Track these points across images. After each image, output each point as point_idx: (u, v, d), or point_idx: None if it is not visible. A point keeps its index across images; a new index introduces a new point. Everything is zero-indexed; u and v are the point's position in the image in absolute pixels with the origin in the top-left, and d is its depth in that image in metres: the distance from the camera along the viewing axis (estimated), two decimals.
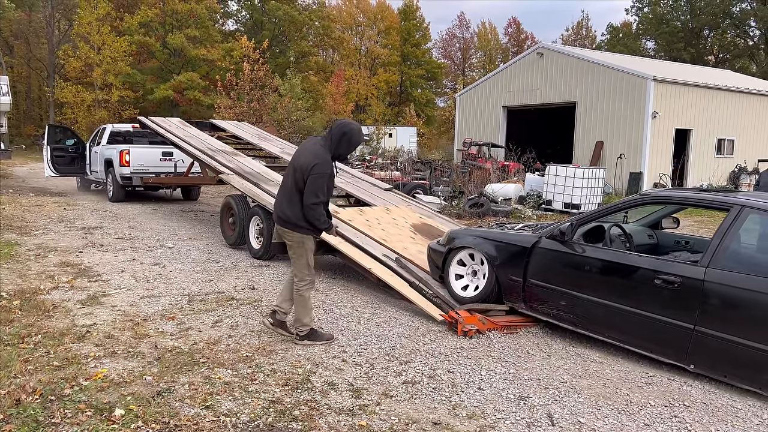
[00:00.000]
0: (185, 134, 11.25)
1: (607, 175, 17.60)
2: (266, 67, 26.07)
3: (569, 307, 4.87)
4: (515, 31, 60.39)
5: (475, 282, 5.63)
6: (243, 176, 8.82)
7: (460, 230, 6.15)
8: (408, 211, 8.37)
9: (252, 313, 5.47)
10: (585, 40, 57.28)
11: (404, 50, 54.12)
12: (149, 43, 39.42)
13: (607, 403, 3.87)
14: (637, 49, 48.94)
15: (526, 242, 5.20)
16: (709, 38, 51.28)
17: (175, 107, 39.83)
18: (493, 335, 5.08)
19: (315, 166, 4.38)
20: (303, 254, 4.62)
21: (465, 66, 61.25)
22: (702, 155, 20.80)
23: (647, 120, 19.10)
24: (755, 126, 22.05)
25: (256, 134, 12.87)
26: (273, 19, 45.00)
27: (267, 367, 4.21)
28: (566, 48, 26.92)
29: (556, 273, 5.00)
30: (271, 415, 3.49)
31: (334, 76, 42.23)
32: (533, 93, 22.91)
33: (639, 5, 53.25)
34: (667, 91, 19.53)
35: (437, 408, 3.70)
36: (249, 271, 7.21)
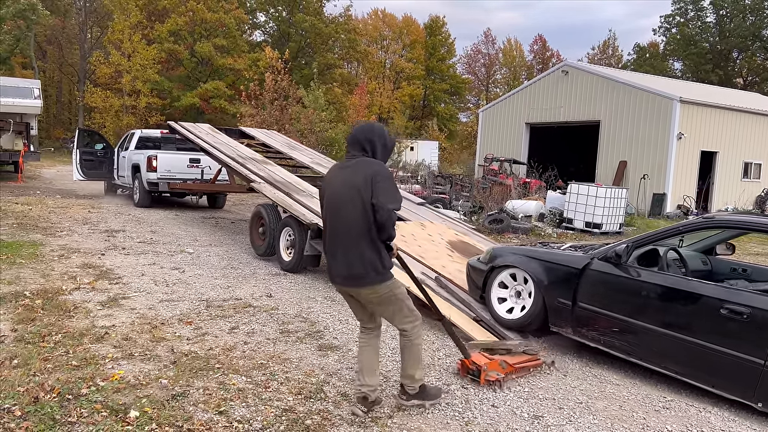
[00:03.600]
0: (215, 141, 11.19)
1: (630, 196, 17.41)
2: (289, 77, 26.34)
3: (623, 334, 4.57)
4: (541, 48, 60.31)
5: (519, 303, 5.35)
6: (275, 185, 8.63)
7: (502, 248, 5.87)
8: (443, 227, 8.12)
9: (268, 321, 5.50)
10: (611, 60, 56.98)
11: (429, 64, 54.37)
12: (178, 51, 40.15)
13: (622, 426, 3.81)
14: (663, 69, 48.56)
15: (577, 263, 4.92)
16: (738, 60, 50.67)
17: (201, 115, 40.41)
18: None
19: (376, 172, 3.47)
20: (399, 302, 3.65)
21: (489, 82, 61.27)
22: (728, 178, 20.49)
23: (672, 141, 18.90)
24: None
25: (285, 143, 12.76)
26: (300, 30, 45.57)
27: (281, 375, 4.22)
28: (591, 66, 26.81)
29: (609, 298, 4.69)
30: (284, 423, 3.50)
31: (358, 88, 42.54)
32: (557, 111, 22.83)
33: (667, 26, 52.97)
34: (693, 112, 19.32)
35: (449, 424, 3.68)
36: (267, 279, 7.25)
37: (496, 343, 4.86)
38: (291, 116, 25.14)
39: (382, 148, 3.67)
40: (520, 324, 5.25)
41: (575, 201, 14.24)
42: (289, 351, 4.74)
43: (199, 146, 11.04)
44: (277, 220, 8.17)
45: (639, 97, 20.02)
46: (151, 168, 12.90)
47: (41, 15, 29.92)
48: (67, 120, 48.68)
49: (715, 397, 4.26)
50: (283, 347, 4.82)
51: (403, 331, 3.71)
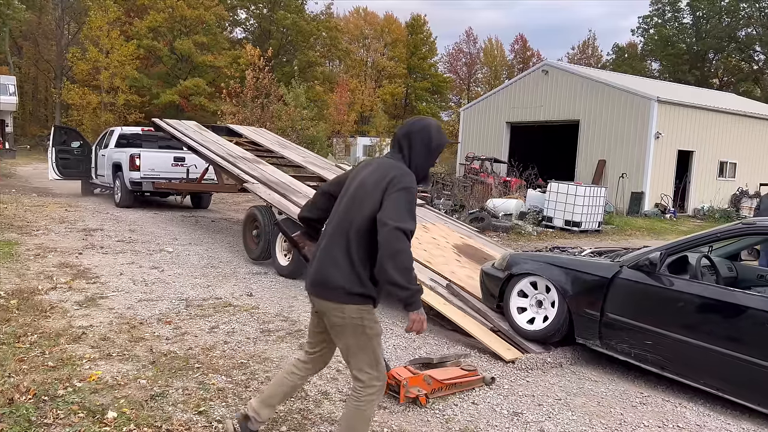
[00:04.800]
0: (203, 139, 10.77)
1: (609, 194, 17.62)
2: (270, 75, 26.20)
3: (656, 347, 4.35)
4: (521, 48, 60.72)
5: (541, 313, 5.06)
6: (269, 186, 8.22)
7: (520, 254, 5.57)
8: (446, 229, 7.82)
9: (249, 320, 5.47)
10: (591, 60, 57.57)
11: (410, 63, 54.44)
12: (157, 48, 39.73)
13: (600, 422, 3.86)
14: (642, 69, 49.21)
15: (605, 272, 4.67)
16: (714, 61, 51.55)
17: (181, 112, 40.02)
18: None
19: (394, 178, 2.72)
20: (366, 342, 2.87)
21: (470, 81, 61.53)
22: (704, 177, 20.84)
23: (650, 140, 19.17)
24: (758, 150, 22.11)
25: (276, 141, 12.31)
26: (281, 28, 45.35)
27: (261, 374, 4.21)
28: (571, 66, 27.08)
29: (642, 308, 4.46)
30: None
31: (339, 86, 42.44)
32: (537, 110, 23.01)
33: (645, 26, 53.67)
34: (670, 112, 19.62)
35: (430, 421, 3.69)
36: (247, 278, 7.21)
37: (428, 358, 4.57)
38: (272, 114, 25.02)
39: (422, 148, 2.89)
40: (543, 335, 4.99)
41: (555, 199, 14.38)
42: (270, 350, 4.73)
43: (187, 144, 10.69)
44: (272, 223, 7.81)
45: (618, 96, 20.27)
46: (133, 167, 12.52)
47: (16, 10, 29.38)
48: (44, 117, 47.89)
49: (690, 392, 4.34)
50: (263, 346, 4.80)
51: (355, 380, 2.88)
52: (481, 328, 5.21)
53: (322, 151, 23.84)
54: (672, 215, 18.83)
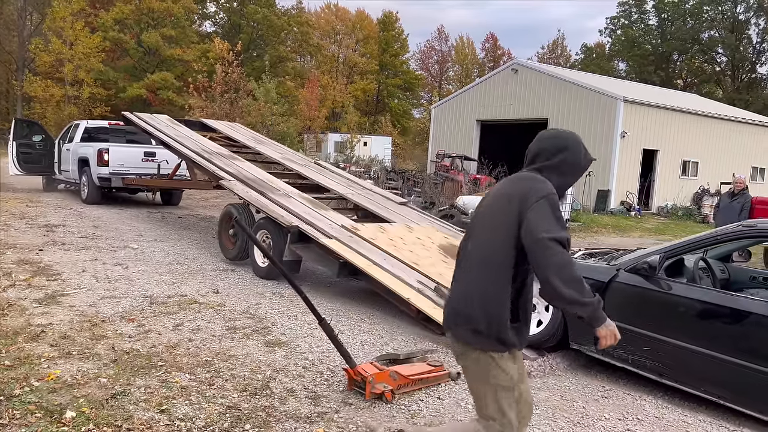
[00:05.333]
0: (176, 134, 10.37)
1: (576, 192, 17.90)
2: (240, 70, 25.93)
3: (655, 354, 4.24)
4: (492, 46, 61.20)
5: (535, 317, 4.87)
6: (246, 183, 7.98)
7: None
8: (431, 229, 7.61)
9: (214, 318, 5.40)
10: (560, 59, 58.34)
11: (382, 60, 54.39)
12: (123, 40, 38.91)
13: (563, 415, 3.93)
14: (609, 69, 50.07)
15: (602, 275, 4.55)
16: (679, 63, 52.76)
17: (148, 106, 39.28)
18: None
19: (531, 189, 2.39)
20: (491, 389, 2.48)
21: (442, 78, 61.80)
22: (667, 176, 21.32)
23: (616, 139, 19.53)
24: (718, 149, 22.70)
25: (252, 137, 11.95)
26: (251, 22, 44.87)
27: (226, 372, 4.16)
28: (540, 65, 27.40)
29: (639, 313, 4.35)
30: (228, 420, 3.45)
31: (309, 82, 42.18)
32: (507, 108, 23.23)
33: (612, 27, 54.61)
34: (636, 111, 20.01)
35: (396, 416, 3.71)
36: (214, 275, 7.12)
37: (394, 354, 4.56)
38: (242, 109, 24.75)
39: (560, 163, 2.49)
40: (537, 340, 4.82)
41: None
42: (236, 348, 4.68)
43: (159, 140, 10.32)
44: (250, 222, 7.57)
45: (585, 96, 20.60)
46: (101, 162, 12.05)
47: None
48: (4, 110, 46.45)
49: (650, 385, 4.45)
50: (229, 344, 4.75)
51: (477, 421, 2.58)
52: None
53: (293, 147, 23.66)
54: (637, 213, 19.23)
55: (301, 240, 6.68)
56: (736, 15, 48.63)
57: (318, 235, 6.46)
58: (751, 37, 49.08)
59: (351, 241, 6.38)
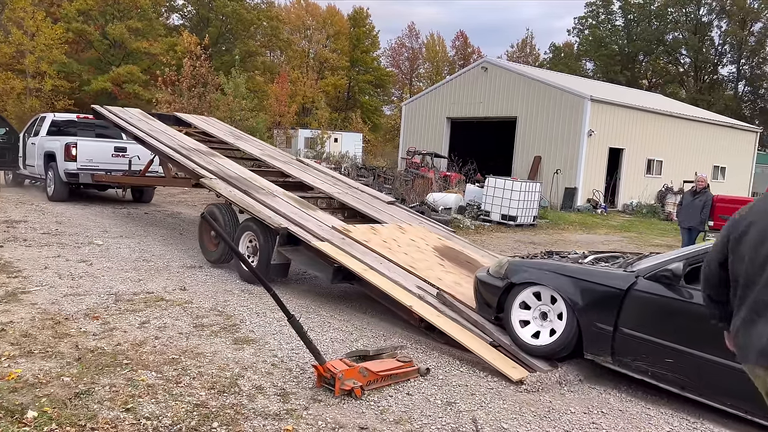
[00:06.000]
0: (151, 128, 9.86)
1: (544, 189, 18.16)
2: (208, 63, 25.58)
3: (677, 366, 4.05)
4: (462, 44, 61.51)
5: (547, 326, 4.64)
6: (229, 182, 7.57)
7: (520, 262, 5.07)
8: (423, 230, 7.35)
9: (181, 315, 5.33)
10: (529, 58, 58.98)
11: (353, 56, 54.21)
12: (87, 32, 37.94)
13: (530, 409, 3.99)
14: (577, 69, 50.83)
15: (620, 283, 4.35)
16: (644, 63, 53.86)
17: (113, 100, 38.37)
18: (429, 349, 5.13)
19: None
20: None
21: (412, 76, 61.88)
22: (633, 174, 21.77)
23: (583, 138, 19.85)
24: (682, 148, 23.27)
25: (229, 132, 11.47)
26: (220, 16, 44.24)
27: (194, 369, 4.11)
28: (509, 64, 27.69)
29: (661, 323, 4.16)
30: (195, 418, 3.41)
31: (280, 77, 41.80)
32: (476, 106, 23.41)
33: (580, 27, 55.46)
34: (602, 111, 20.37)
35: (365, 413, 3.71)
36: (181, 272, 7.02)
37: (364, 350, 4.55)
38: (210, 104, 24.42)
39: None
40: (550, 351, 4.57)
41: (492, 194, 14.69)
42: (203, 345, 4.63)
43: (133, 135, 9.82)
44: (234, 223, 7.16)
45: (553, 94, 20.88)
46: (69, 157, 11.52)
47: None
48: None
49: (614, 378, 4.55)
50: (196, 341, 4.70)
51: None
52: (481, 343, 4.77)
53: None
54: (603, 210, 19.60)
55: (290, 242, 6.37)
56: (699, 17, 49.88)
57: (309, 237, 6.16)
58: (714, 39, 50.45)
59: (343, 244, 6.09)
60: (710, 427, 3.96)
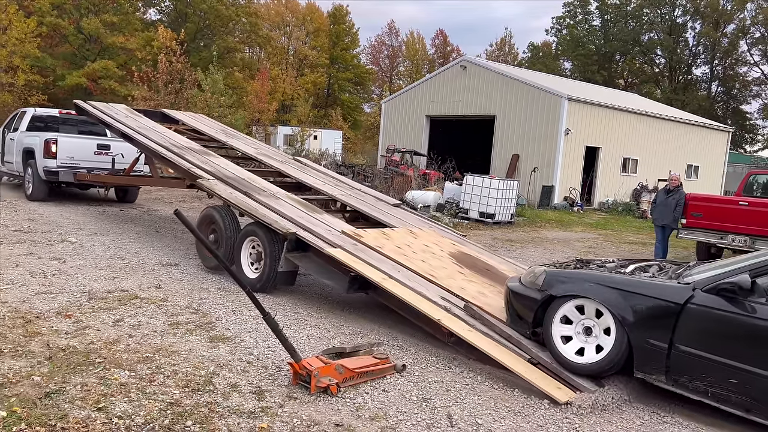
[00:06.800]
0: (139, 125, 9.40)
1: (522, 187, 18.32)
2: (184, 58, 25.32)
3: (743, 387, 3.75)
4: (442, 43, 61.66)
5: (592, 342, 4.32)
6: (227, 183, 7.19)
7: (560, 272, 4.66)
8: (436, 235, 7.02)
9: (156, 313, 5.28)
10: (508, 57, 59.34)
11: (333, 53, 54.04)
12: (62, 26, 37.26)
13: (504, 405, 4.03)
14: (555, 68, 51.30)
15: (675, 296, 4.03)
16: (620, 63, 54.54)
17: (89, 96, 37.77)
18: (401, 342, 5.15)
19: None
20: None
21: (392, 73, 61.89)
22: (609, 172, 22.07)
23: (560, 136, 20.06)
24: (657, 147, 23.64)
25: (220, 129, 11.00)
26: (198, 11, 43.74)
27: (168, 368, 4.08)
28: (488, 62, 27.86)
29: (723, 340, 3.86)
30: (168, 417, 3.38)
31: (259, 74, 41.51)
32: (456, 104, 23.51)
33: (558, 27, 55.99)
34: (579, 110, 20.60)
35: (341, 410, 3.72)
36: (156, 270, 6.95)
37: (340, 347, 4.58)
38: (187, 100, 24.18)
39: None
40: (597, 369, 4.24)
41: (470, 192, 14.78)
42: (178, 343, 4.59)
43: (120, 131, 9.35)
44: (235, 227, 6.77)
45: (531, 93, 21.06)
46: (49, 154, 10.97)
47: None
48: None
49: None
50: (171, 339, 4.66)
51: None
52: (519, 360, 4.44)
53: None
54: (579, 208, 19.83)
55: (298, 248, 6.04)
56: (674, 18, 50.66)
57: (321, 243, 5.80)
58: (688, 40, 51.27)
59: (356, 250, 5.75)
60: None
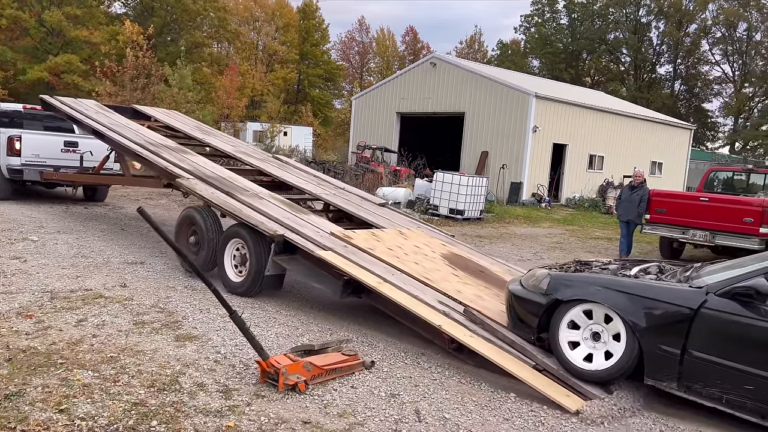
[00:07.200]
0: (111, 122, 8.98)
1: (491, 184, 18.51)
2: (151, 53, 24.87)
3: (759, 393, 3.69)
4: (412, 39, 61.76)
5: (600, 348, 4.21)
6: (207, 182, 6.93)
7: (565, 275, 4.55)
8: (425, 236, 6.84)
9: (121, 312, 5.19)
10: (477, 54, 59.76)
11: (303, 49, 53.71)
12: (22, 18, 36.20)
13: (472, 399, 4.08)
14: (524, 66, 51.90)
15: (688, 301, 3.95)
16: (587, 61, 55.44)
17: (51, 90, 36.73)
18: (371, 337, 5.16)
19: None
20: None
21: (363, 70, 61.80)
22: (575, 169, 22.43)
23: (528, 133, 20.31)
24: (622, 144, 24.11)
25: (195, 126, 10.64)
26: (165, 5, 42.98)
27: (133, 368, 4.02)
28: (457, 60, 28.02)
29: (740, 346, 3.78)
30: (133, 417, 3.34)
31: (228, 69, 41.03)
32: (426, 101, 23.60)
33: (527, 25, 56.63)
34: (547, 107, 20.88)
35: (308, 407, 3.72)
36: (122, 268, 6.83)
37: (309, 345, 4.55)
38: (154, 96, 23.75)
39: None
40: (607, 376, 4.15)
41: (440, 189, 14.87)
42: (144, 343, 4.52)
43: (91, 128, 8.98)
44: (217, 229, 6.47)
45: (500, 91, 21.26)
46: (12, 151, 10.47)
47: None
48: None
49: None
50: (136, 339, 4.59)
51: None
52: (525, 367, 4.31)
53: None
54: (547, 204, 20.12)
55: (286, 250, 5.86)
56: (639, 18, 51.69)
57: (311, 246, 5.62)
58: (652, 39, 52.40)
59: (347, 252, 5.57)
60: None
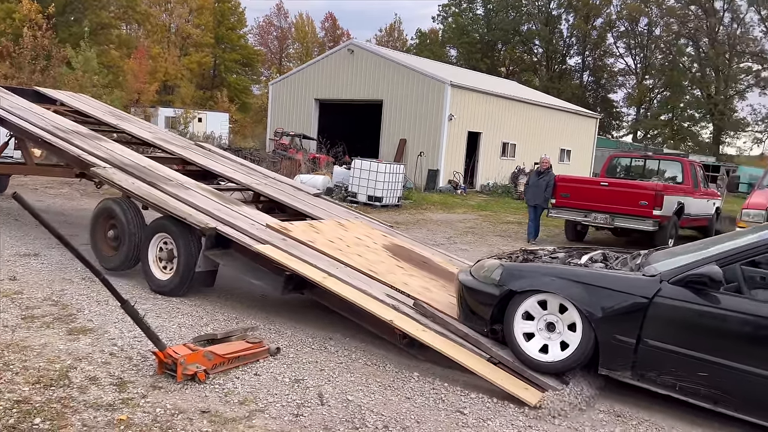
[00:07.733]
0: (12, 105, 8.28)
1: (409, 171, 18.74)
2: (51, 33, 23.36)
3: (712, 380, 3.70)
4: (332, 26, 61.29)
5: (555, 339, 4.12)
6: (126, 171, 6.42)
7: (519, 266, 4.45)
8: (366, 226, 6.63)
9: (9, 307, 4.88)
10: (396, 43, 60.14)
11: (218, 33, 52.05)
12: None
13: (376, 380, 4.14)
14: (442, 55, 52.71)
15: (643, 290, 3.92)
16: (502, 52, 57.06)
17: None
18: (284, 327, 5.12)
19: None
20: None
21: (282, 56, 60.73)
22: (489, 156, 23.12)
23: (444, 121, 20.71)
24: (533, 132, 25.05)
25: (108, 111, 10.00)
26: None
27: (17, 364, 3.79)
28: (375, 47, 28.09)
29: (694, 334, 3.78)
30: (14, 416, 3.15)
31: (137, 51, 39.16)
32: (344, 88, 23.52)
33: (444, 15, 57.48)
34: (462, 96, 21.35)
35: (208, 396, 3.65)
36: (12, 260, 6.41)
37: (212, 334, 4.46)
38: (55, 79, 22.34)
39: None
40: (563, 367, 4.07)
41: (359, 176, 14.92)
42: (32, 338, 4.28)
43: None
44: (140, 222, 5.99)
45: (417, 79, 21.51)
46: None
47: None
48: None
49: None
50: (24, 334, 4.33)
51: None
52: (480, 361, 4.18)
53: None
54: (463, 191, 20.63)
55: (218, 245, 5.51)
56: (550, 10, 53.70)
57: (247, 240, 5.27)
58: (563, 31, 54.62)
59: (287, 246, 5.28)
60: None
